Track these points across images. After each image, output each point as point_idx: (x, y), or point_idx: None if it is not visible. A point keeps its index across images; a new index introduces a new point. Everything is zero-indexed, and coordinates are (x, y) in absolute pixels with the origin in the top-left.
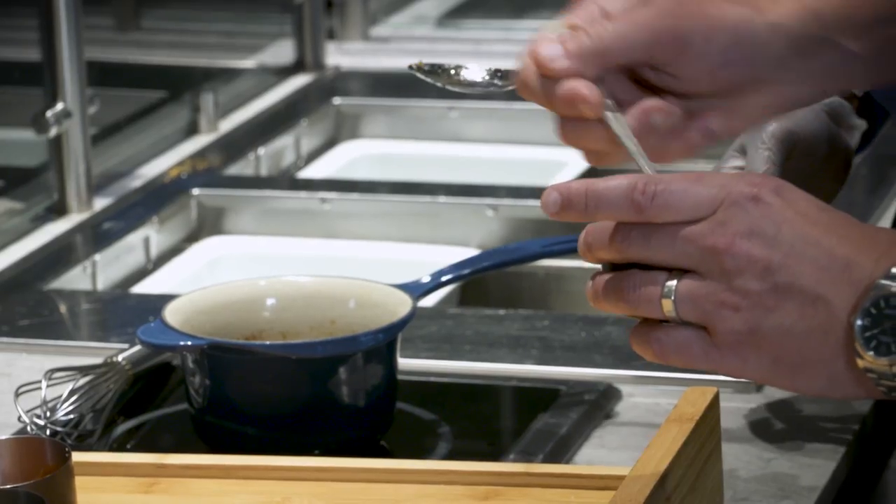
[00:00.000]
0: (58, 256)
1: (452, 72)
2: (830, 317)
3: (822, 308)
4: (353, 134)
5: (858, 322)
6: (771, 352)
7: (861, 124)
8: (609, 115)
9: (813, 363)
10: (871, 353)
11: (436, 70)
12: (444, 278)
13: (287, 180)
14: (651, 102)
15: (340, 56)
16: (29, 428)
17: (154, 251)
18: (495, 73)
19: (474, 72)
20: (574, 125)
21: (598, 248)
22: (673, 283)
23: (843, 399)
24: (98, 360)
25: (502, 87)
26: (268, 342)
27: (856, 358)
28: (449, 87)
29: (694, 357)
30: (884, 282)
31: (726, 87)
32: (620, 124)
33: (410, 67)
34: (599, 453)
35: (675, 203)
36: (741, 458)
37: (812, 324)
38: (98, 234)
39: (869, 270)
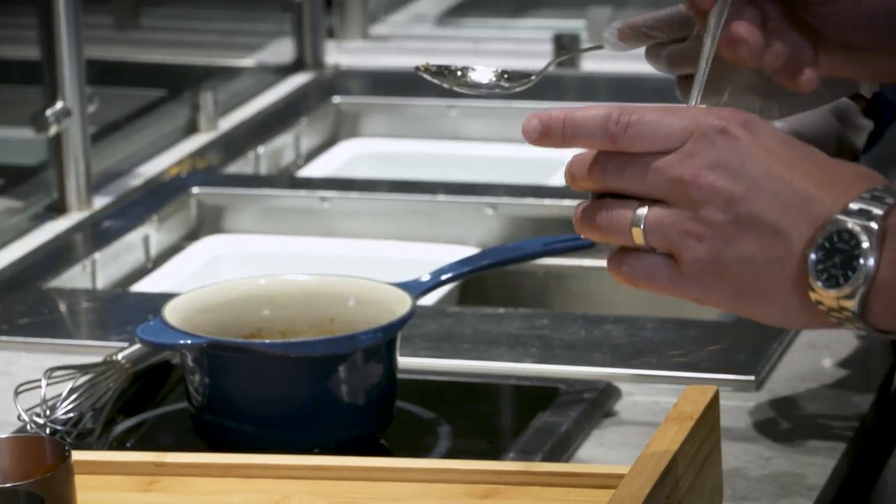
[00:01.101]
0: (57, 255)
1: (459, 73)
2: (788, 249)
3: (781, 241)
4: (353, 132)
5: (812, 255)
6: (732, 281)
7: (867, 125)
8: (712, 19)
9: (771, 294)
10: (821, 285)
11: (443, 71)
12: (443, 277)
13: (286, 179)
14: (750, 33)
15: (340, 55)
16: (28, 426)
17: (153, 250)
18: (502, 75)
19: (481, 73)
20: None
21: (579, 178)
22: (643, 211)
23: (800, 328)
24: (98, 359)
25: (509, 88)
26: (267, 341)
27: (808, 290)
28: (456, 89)
29: (661, 283)
30: (839, 217)
31: (863, 44)
32: (711, 39)
33: (417, 69)
34: (599, 452)
35: (647, 134)
36: (740, 457)
37: (771, 255)
38: (98, 233)
39: (828, 206)
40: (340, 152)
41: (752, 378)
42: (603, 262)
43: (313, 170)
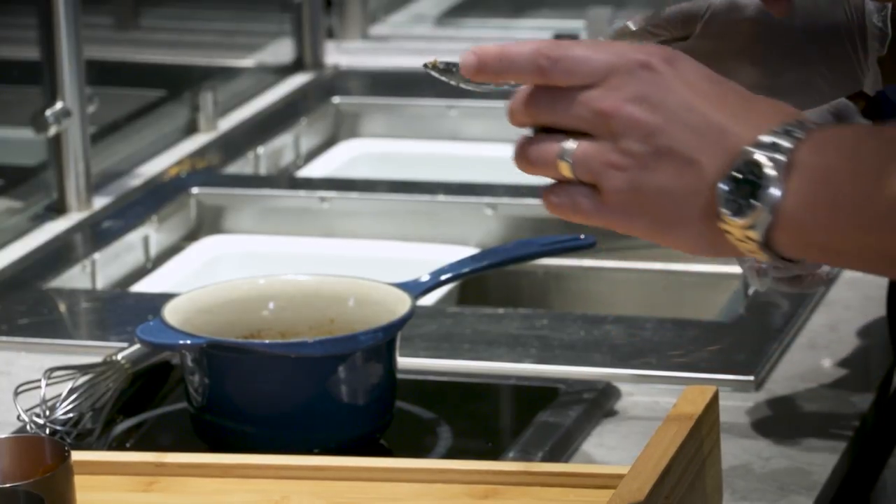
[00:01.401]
0: (57, 255)
1: None
2: (701, 179)
3: (695, 171)
4: (353, 133)
5: (722, 186)
6: (651, 210)
7: (866, 125)
8: None
9: (686, 223)
10: (729, 214)
11: (450, 69)
12: (443, 277)
13: (286, 179)
14: None
15: (339, 55)
16: (28, 427)
17: (153, 250)
18: None
19: None
20: None
21: (517, 113)
22: (570, 145)
23: (713, 256)
24: (97, 359)
25: (515, 85)
26: (267, 341)
27: (718, 220)
28: (462, 86)
29: (586, 213)
30: (749, 148)
31: None
32: None
33: (425, 66)
34: (598, 452)
35: (575, 68)
36: (740, 457)
37: (685, 185)
38: (97, 233)
39: (741, 138)
40: (340, 152)
41: (751, 378)
42: (603, 263)
43: (313, 170)
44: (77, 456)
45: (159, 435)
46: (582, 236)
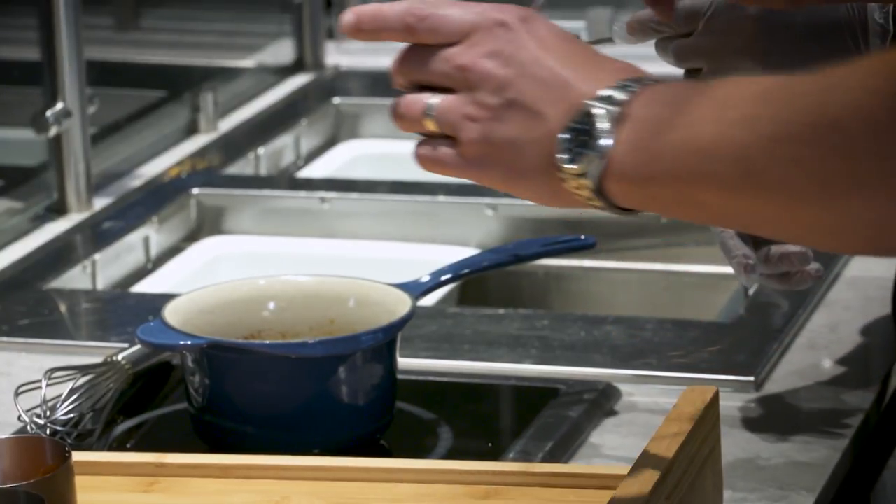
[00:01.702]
0: (57, 256)
1: None
2: (545, 130)
3: (540, 122)
4: (353, 133)
5: (561, 136)
6: (502, 161)
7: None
8: None
9: (533, 173)
10: (564, 163)
11: None
12: (443, 277)
13: (286, 180)
14: None
15: (340, 55)
16: (29, 427)
17: (154, 251)
18: None
19: None
20: None
21: (395, 73)
22: (435, 100)
23: (559, 206)
24: (98, 360)
25: None
26: (267, 342)
27: (557, 168)
28: None
29: (447, 164)
30: (588, 101)
31: None
32: None
33: None
34: (599, 452)
35: (441, 26)
36: (740, 457)
37: (532, 136)
38: (98, 234)
39: (583, 92)
40: (340, 153)
41: (751, 378)
42: (603, 263)
43: (313, 170)
44: (77, 456)
45: (160, 435)
46: (582, 237)
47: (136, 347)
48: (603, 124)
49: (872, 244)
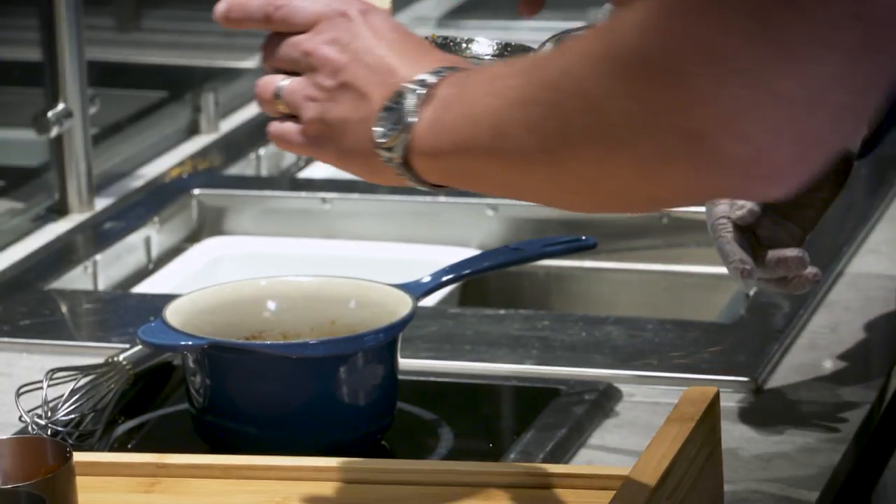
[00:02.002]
0: (59, 256)
1: (464, 45)
2: (369, 111)
3: (366, 103)
4: None
5: (380, 114)
6: (335, 139)
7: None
8: None
9: (360, 151)
10: (381, 137)
11: (447, 43)
12: (444, 278)
13: (287, 180)
14: None
15: None
16: (30, 428)
17: (155, 251)
18: (504, 48)
19: (483, 45)
20: None
21: (263, 60)
22: (282, 83)
23: (387, 184)
24: (99, 360)
25: (502, 55)
26: (268, 342)
27: (376, 144)
28: (462, 58)
29: (291, 142)
30: (404, 84)
31: None
32: None
33: (425, 38)
34: (599, 453)
35: (292, 15)
36: (741, 458)
37: (359, 116)
38: (99, 234)
39: (403, 76)
40: None
41: (752, 379)
42: (603, 264)
43: (314, 171)
44: (79, 457)
45: (161, 436)
46: (583, 237)
47: (137, 348)
48: (410, 103)
49: (593, 200)
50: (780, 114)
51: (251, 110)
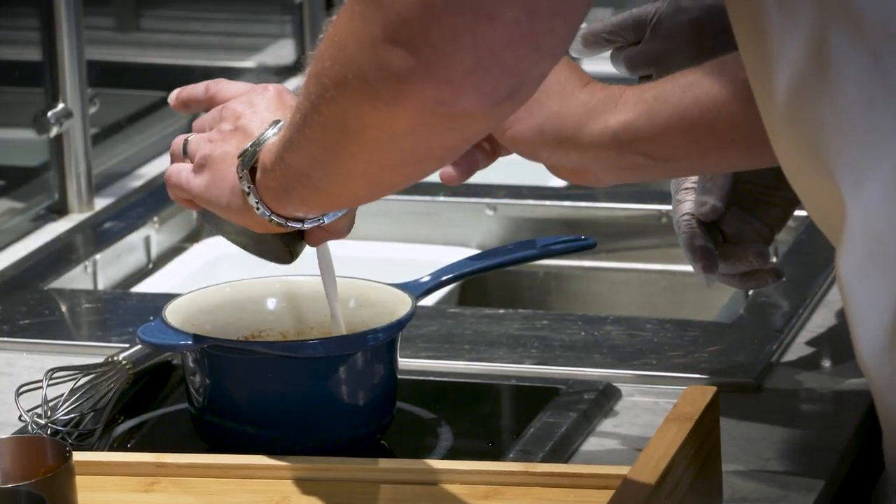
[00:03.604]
0: (58, 256)
1: None
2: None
3: (248, 140)
4: None
5: (240, 162)
6: (218, 170)
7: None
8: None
9: (228, 180)
10: (239, 164)
11: None
12: (443, 278)
13: None
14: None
15: None
16: (30, 427)
17: (154, 251)
18: None
19: None
20: None
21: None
22: (191, 135)
23: (262, 230)
24: (99, 360)
25: None
26: (268, 342)
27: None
28: None
29: (180, 182)
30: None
31: None
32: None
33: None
34: (599, 452)
35: (226, 90)
36: (740, 458)
37: (238, 151)
38: (98, 234)
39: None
40: None
41: (751, 379)
42: (603, 264)
43: None
44: (78, 456)
45: (160, 435)
46: (583, 237)
47: (137, 347)
48: (269, 132)
49: (354, 147)
50: (459, 21)
51: None
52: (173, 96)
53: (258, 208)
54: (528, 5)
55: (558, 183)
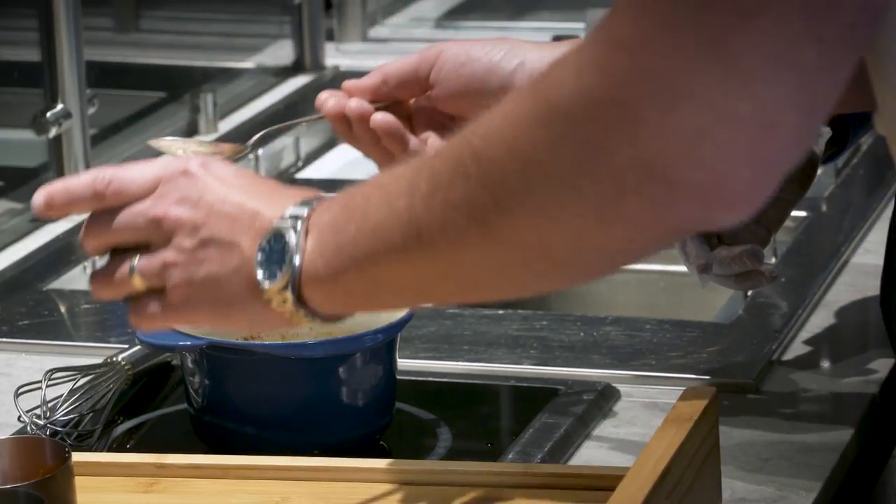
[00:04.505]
0: (57, 256)
1: (180, 150)
2: (242, 258)
3: (236, 252)
4: None
5: (257, 257)
6: (207, 298)
7: (825, 131)
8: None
9: (239, 302)
10: (264, 281)
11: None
12: None
13: (286, 181)
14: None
15: (339, 57)
16: (29, 428)
17: None
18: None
19: (194, 144)
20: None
21: (86, 243)
22: (136, 258)
23: (270, 329)
24: (98, 360)
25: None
26: (267, 342)
27: (259, 289)
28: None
29: (154, 318)
30: (276, 222)
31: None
32: None
33: (148, 144)
34: (598, 453)
35: (127, 186)
36: (739, 458)
37: (230, 267)
38: None
39: (270, 216)
40: (340, 154)
41: (750, 379)
42: None
43: (313, 172)
44: (77, 457)
45: (159, 436)
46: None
47: (136, 348)
48: (290, 238)
49: (532, 272)
50: (737, 137)
51: (249, 111)
52: (40, 199)
53: (294, 316)
54: (809, 107)
55: None
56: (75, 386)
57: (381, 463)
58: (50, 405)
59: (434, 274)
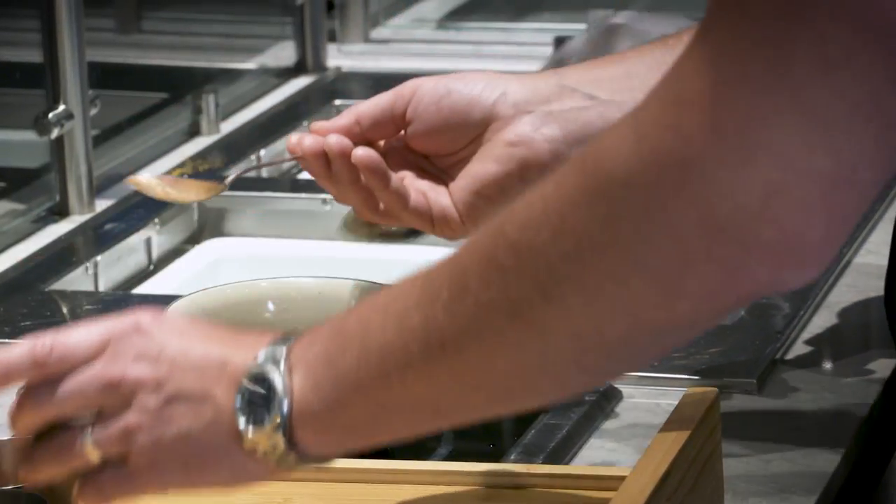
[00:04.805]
0: (59, 258)
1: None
2: (217, 409)
3: (209, 404)
4: None
5: (236, 405)
6: (178, 458)
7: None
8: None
9: (217, 456)
10: (249, 429)
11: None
12: None
13: (288, 182)
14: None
15: (341, 58)
16: None
17: (155, 253)
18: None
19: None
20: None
21: (19, 419)
22: (90, 428)
23: (254, 482)
24: None
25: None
26: None
27: (242, 440)
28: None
29: (117, 489)
30: (251, 366)
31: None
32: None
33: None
34: (600, 454)
35: (72, 350)
36: (741, 459)
37: (204, 420)
38: (99, 236)
39: (242, 361)
40: None
41: (752, 380)
42: None
43: None
44: None
45: None
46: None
47: None
48: (275, 378)
49: (580, 367)
50: (813, 192)
51: (252, 112)
52: None
53: (282, 463)
54: (886, 161)
55: None
56: None
57: (383, 464)
58: None
59: (458, 387)
